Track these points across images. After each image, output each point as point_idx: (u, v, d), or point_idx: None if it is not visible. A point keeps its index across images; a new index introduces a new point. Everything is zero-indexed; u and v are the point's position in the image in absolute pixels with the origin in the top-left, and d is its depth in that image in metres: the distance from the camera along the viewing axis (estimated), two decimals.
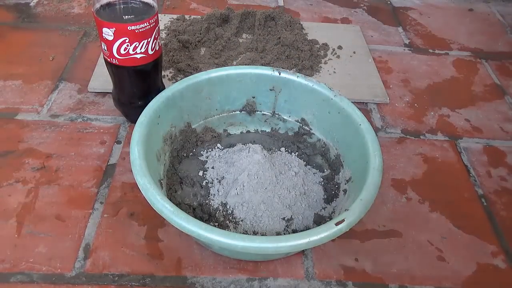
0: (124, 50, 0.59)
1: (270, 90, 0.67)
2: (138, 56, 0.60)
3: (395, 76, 0.89)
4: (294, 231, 0.56)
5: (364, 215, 0.47)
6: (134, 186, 0.63)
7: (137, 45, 0.59)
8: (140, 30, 0.58)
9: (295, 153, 0.66)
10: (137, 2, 0.60)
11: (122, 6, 0.59)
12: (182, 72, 0.81)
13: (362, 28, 1.01)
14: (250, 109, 0.68)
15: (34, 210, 0.59)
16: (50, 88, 0.78)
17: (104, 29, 0.57)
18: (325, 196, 0.61)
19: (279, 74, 0.65)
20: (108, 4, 0.59)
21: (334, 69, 0.87)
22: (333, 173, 0.63)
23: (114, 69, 0.63)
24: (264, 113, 0.69)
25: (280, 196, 0.58)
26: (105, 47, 0.60)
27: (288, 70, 0.66)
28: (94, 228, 0.58)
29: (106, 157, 0.67)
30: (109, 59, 0.61)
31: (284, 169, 0.62)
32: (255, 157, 0.60)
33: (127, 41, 0.58)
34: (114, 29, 0.57)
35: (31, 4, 1.00)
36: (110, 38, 0.58)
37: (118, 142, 0.69)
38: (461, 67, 0.94)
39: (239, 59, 0.86)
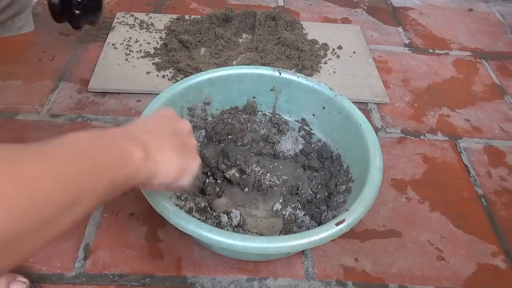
0: None
1: (271, 90, 0.67)
2: None
3: (395, 76, 0.89)
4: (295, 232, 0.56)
5: (364, 215, 0.47)
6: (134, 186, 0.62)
7: None
8: None
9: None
10: None
11: None
12: (182, 72, 0.81)
13: (362, 28, 1.01)
14: (250, 109, 0.68)
15: None
16: (50, 88, 0.78)
17: None
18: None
19: (280, 74, 0.65)
20: None
21: (334, 69, 0.87)
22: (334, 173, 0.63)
23: None
24: (265, 113, 0.69)
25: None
26: None
27: (288, 70, 0.66)
28: (94, 228, 0.57)
29: None
30: None
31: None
32: None
33: None
34: None
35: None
36: None
37: None
38: (461, 67, 0.94)
39: (239, 59, 0.86)
